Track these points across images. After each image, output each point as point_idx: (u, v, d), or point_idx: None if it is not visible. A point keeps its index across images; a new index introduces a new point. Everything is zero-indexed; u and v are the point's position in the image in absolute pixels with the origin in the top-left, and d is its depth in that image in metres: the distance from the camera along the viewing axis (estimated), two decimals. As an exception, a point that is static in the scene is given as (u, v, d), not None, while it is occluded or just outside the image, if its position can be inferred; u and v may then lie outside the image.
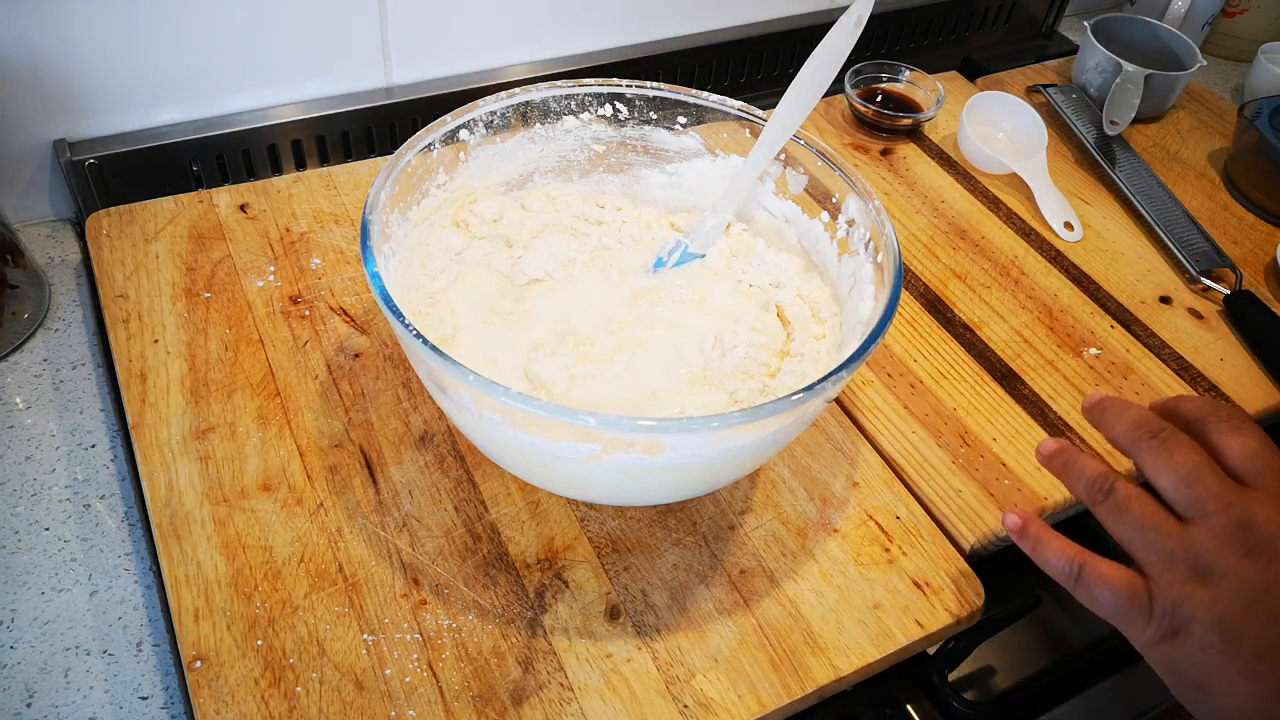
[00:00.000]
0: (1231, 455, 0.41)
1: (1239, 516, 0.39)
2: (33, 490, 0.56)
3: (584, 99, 0.61)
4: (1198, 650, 0.39)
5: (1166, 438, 0.42)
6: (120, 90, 0.71)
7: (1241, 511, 0.39)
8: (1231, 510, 0.39)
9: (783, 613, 0.52)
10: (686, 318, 0.58)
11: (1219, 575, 0.39)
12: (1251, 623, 0.38)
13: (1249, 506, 0.39)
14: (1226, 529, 0.39)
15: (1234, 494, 0.40)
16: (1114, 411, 0.44)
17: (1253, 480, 0.40)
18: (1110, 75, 0.90)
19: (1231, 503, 0.40)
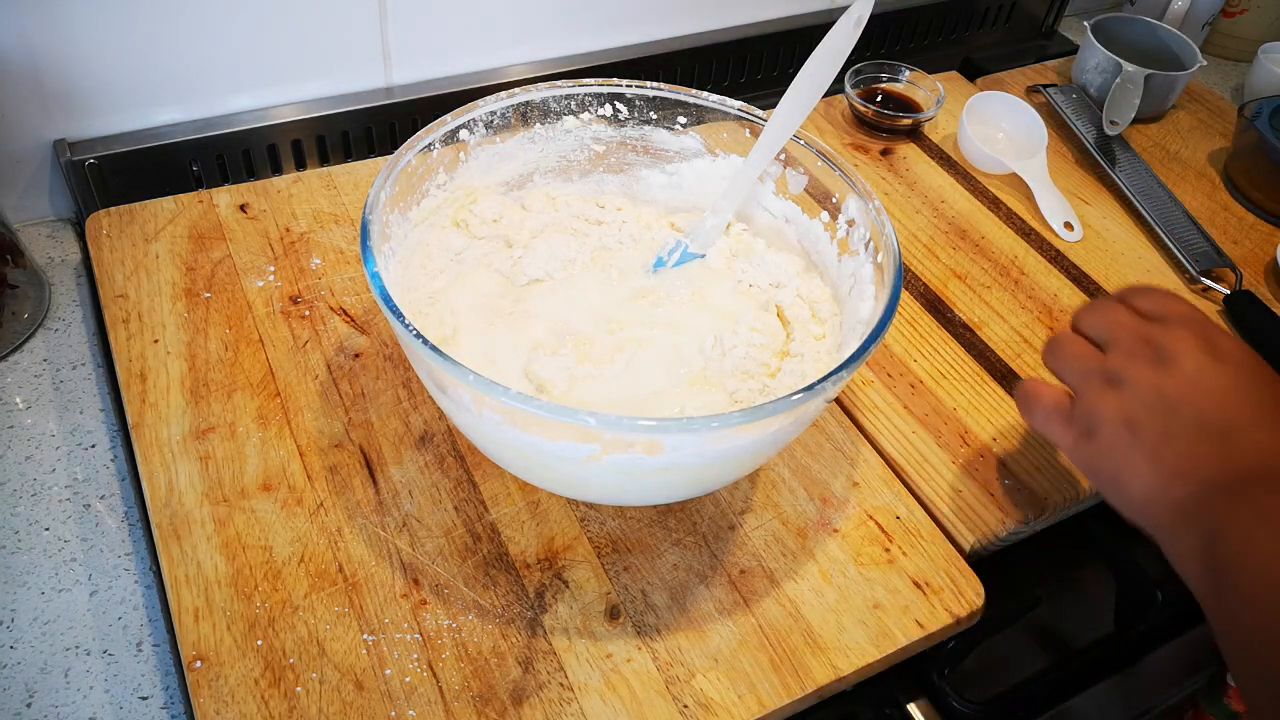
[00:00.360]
0: (1145, 306, 0.49)
1: (1145, 336, 0.47)
2: (33, 490, 0.56)
3: (584, 99, 0.61)
4: (1109, 446, 0.46)
5: (1096, 303, 0.51)
6: (120, 90, 0.71)
7: (1147, 333, 0.48)
8: (1139, 334, 0.48)
9: (783, 613, 0.52)
10: (686, 318, 0.58)
11: (1126, 383, 0.46)
12: (1151, 419, 0.45)
13: (1154, 331, 0.48)
14: (1134, 347, 0.47)
15: (1143, 324, 0.48)
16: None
17: (1160, 318, 0.48)
18: (1110, 75, 0.90)
19: (1139, 330, 0.48)
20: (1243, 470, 0.42)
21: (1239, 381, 0.45)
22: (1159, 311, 0.49)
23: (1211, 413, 0.44)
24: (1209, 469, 0.43)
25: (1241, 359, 0.46)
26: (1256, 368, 0.46)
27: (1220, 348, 0.47)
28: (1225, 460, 0.43)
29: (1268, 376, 0.46)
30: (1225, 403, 0.44)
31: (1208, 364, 0.45)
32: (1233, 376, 0.45)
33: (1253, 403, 0.44)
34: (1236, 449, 0.43)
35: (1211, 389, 0.45)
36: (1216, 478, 0.43)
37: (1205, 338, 0.47)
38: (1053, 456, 0.61)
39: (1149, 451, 0.45)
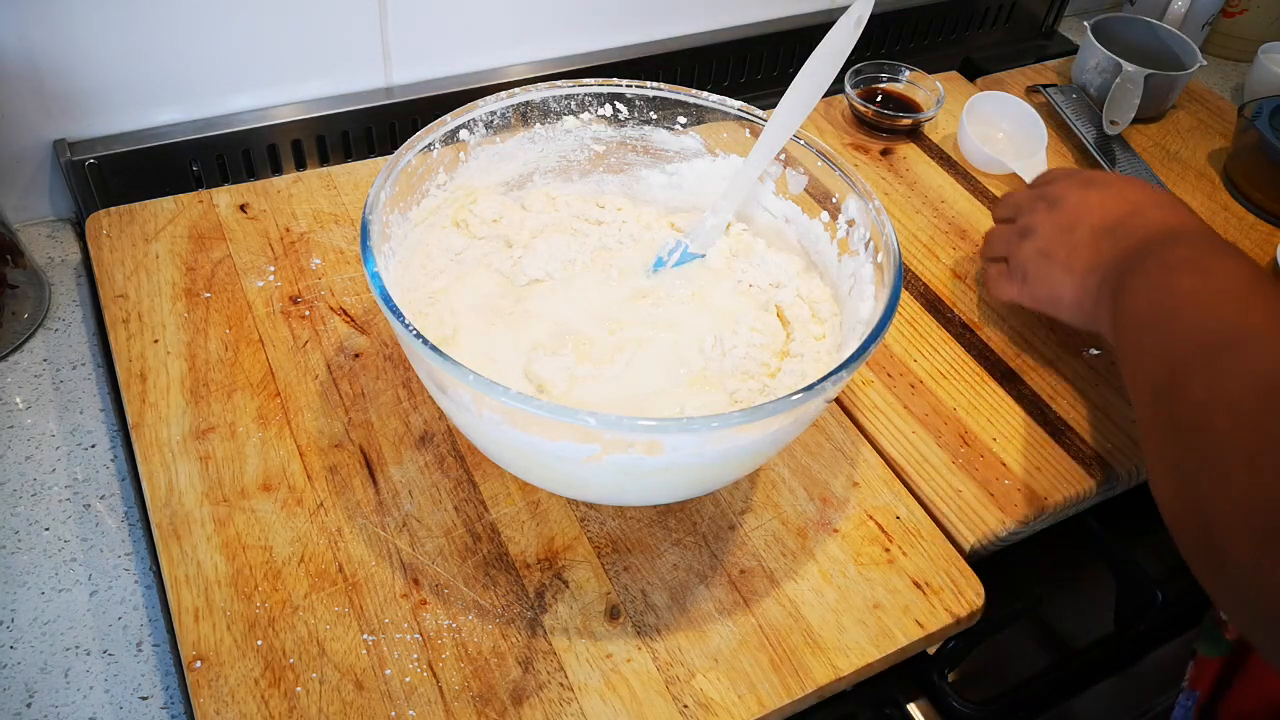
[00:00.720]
0: (1034, 182, 0.67)
1: (1040, 194, 0.63)
2: (33, 490, 0.56)
3: (584, 99, 0.61)
4: (1037, 277, 0.61)
5: (1003, 196, 0.69)
6: (120, 90, 0.71)
7: (1041, 192, 0.64)
8: (1032, 196, 0.64)
9: (783, 613, 0.52)
10: (686, 318, 0.58)
11: (1033, 230, 0.62)
12: (1057, 244, 0.60)
13: (1042, 190, 0.64)
14: (1033, 204, 0.63)
15: (1033, 191, 0.65)
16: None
17: (1046, 183, 0.65)
18: (1110, 75, 0.90)
19: (1032, 195, 0.64)
20: (1132, 245, 0.55)
21: (1114, 195, 0.59)
22: (1044, 180, 0.65)
23: (1099, 220, 0.58)
24: (1109, 256, 0.56)
25: (1112, 180, 0.61)
26: (1126, 182, 0.61)
27: (1094, 179, 0.62)
28: (1117, 245, 0.56)
29: (1138, 185, 0.60)
30: (1107, 211, 0.58)
31: (1087, 192, 0.60)
32: (1108, 193, 0.59)
33: (1129, 203, 0.58)
34: (1124, 235, 0.56)
35: (1094, 206, 0.59)
36: (1115, 258, 0.55)
37: (1081, 178, 0.62)
38: (1053, 456, 0.61)
39: (1064, 266, 0.59)
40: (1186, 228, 0.55)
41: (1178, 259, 0.51)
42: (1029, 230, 0.62)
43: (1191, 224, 0.55)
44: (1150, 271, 0.51)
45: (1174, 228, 0.55)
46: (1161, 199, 0.58)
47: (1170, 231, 0.54)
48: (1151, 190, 0.59)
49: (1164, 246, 0.53)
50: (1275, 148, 0.82)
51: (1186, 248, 0.51)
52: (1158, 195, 0.58)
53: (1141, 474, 0.62)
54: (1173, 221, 0.55)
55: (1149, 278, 0.51)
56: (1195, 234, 0.54)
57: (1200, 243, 0.52)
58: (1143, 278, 0.51)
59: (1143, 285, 0.51)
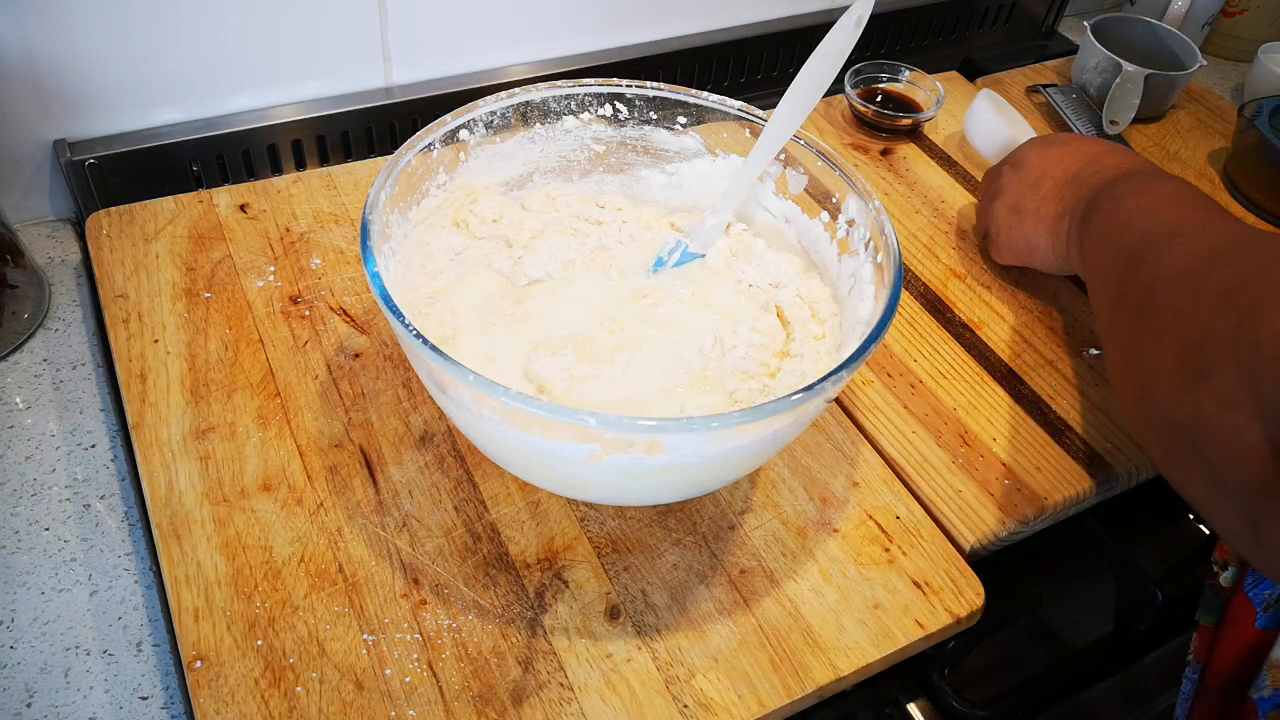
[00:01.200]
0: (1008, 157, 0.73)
1: (1005, 160, 0.71)
2: (33, 490, 0.56)
3: (584, 99, 0.61)
4: (1011, 231, 0.68)
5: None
6: (120, 90, 0.71)
7: (1007, 158, 0.71)
8: (1001, 162, 0.72)
9: (783, 613, 0.52)
10: (686, 318, 0.58)
11: (1003, 189, 0.69)
12: (1024, 199, 0.67)
13: (1013, 156, 0.70)
14: (999, 170, 0.71)
15: (1005, 159, 0.71)
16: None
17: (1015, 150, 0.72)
18: (1110, 75, 0.90)
19: (1001, 161, 0.72)
20: (1092, 189, 0.61)
21: (1072, 149, 0.66)
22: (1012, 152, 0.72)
23: (1061, 173, 0.65)
24: (1072, 202, 0.63)
25: (1069, 137, 0.68)
26: (1082, 139, 0.68)
27: (1053, 138, 0.69)
28: (1079, 192, 0.62)
29: (1093, 140, 0.67)
30: (1067, 164, 0.65)
31: (1046, 149, 0.67)
32: (1066, 149, 0.66)
33: (1087, 155, 0.64)
34: (1083, 182, 0.62)
35: (1055, 160, 0.66)
36: (1077, 204, 0.62)
37: (1040, 140, 0.70)
38: (1053, 456, 0.61)
39: (1035, 217, 0.66)
40: (1137, 168, 0.61)
41: (1127, 188, 0.58)
42: (998, 192, 0.69)
43: (1141, 164, 0.62)
44: (1104, 205, 0.59)
45: (1125, 169, 0.61)
46: (1114, 148, 0.65)
47: (1122, 173, 0.61)
48: (1105, 144, 0.66)
49: (1115, 184, 0.59)
50: (1275, 148, 0.82)
51: (1134, 180, 0.59)
52: (1111, 146, 0.65)
53: (1142, 474, 0.62)
54: (1124, 165, 0.62)
55: (1103, 209, 0.58)
56: (1143, 170, 0.61)
57: (1146, 174, 0.59)
58: (1099, 211, 0.59)
59: (1099, 216, 0.58)
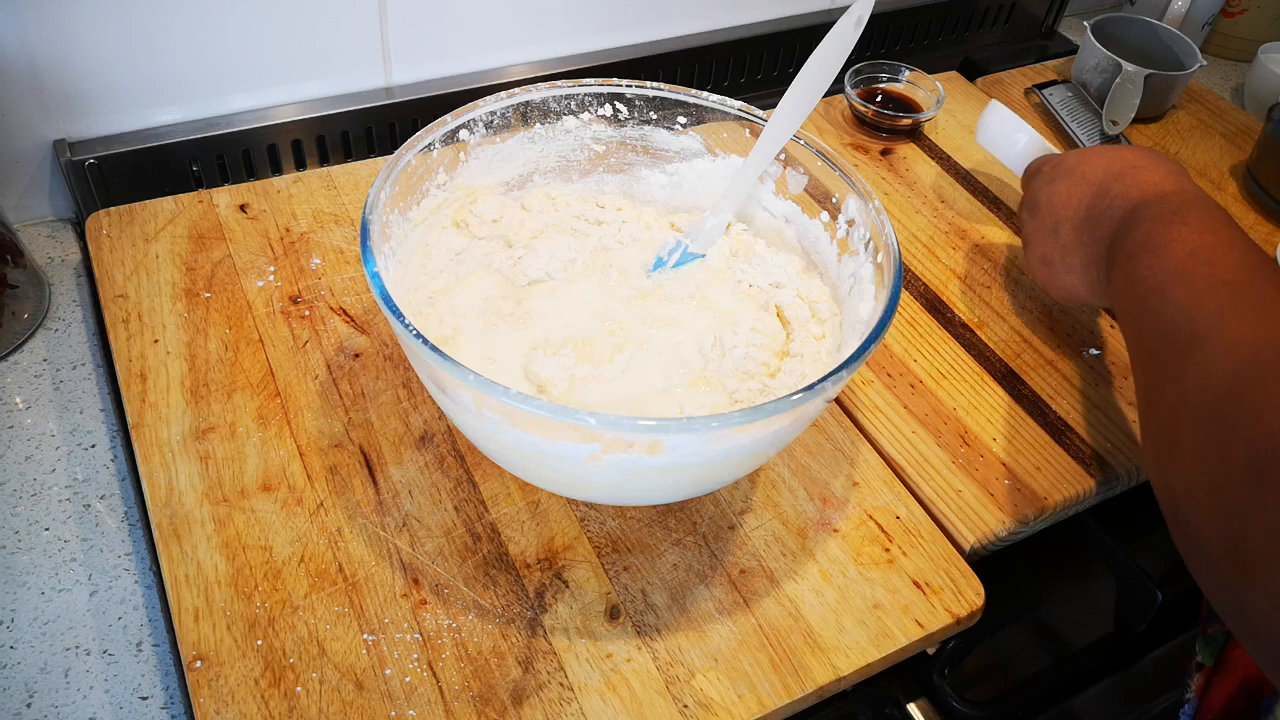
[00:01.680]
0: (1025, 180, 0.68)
1: (1022, 201, 0.66)
2: (33, 490, 0.56)
3: (584, 99, 0.61)
4: (1050, 283, 0.63)
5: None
6: (120, 90, 0.71)
7: (1025, 200, 0.65)
8: (1021, 201, 0.66)
9: (783, 613, 0.52)
10: (686, 318, 0.58)
11: (1029, 239, 0.64)
12: (1050, 248, 0.61)
13: (1025, 192, 0.66)
14: (1021, 214, 0.66)
15: (1024, 195, 0.66)
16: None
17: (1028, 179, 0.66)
18: (1110, 75, 0.90)
19: (1022, 198, 0.66)
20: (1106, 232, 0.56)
21: (1077, 181, 0.59)
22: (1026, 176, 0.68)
23: (1073, 213, 0.59)
24: (1093, 248, 0.57)
25: (1074, 163, 0.61)
26: (1087, 160, 0.60)
27: (1059, 168, 0.62)
28: (1095, 235, 0.57)
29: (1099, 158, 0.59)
30: (1076, 201, 0.59)
31: (1053, 187, 0.61)
32: (1071, 181, 0.60)
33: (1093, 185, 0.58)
34: (1097, 222, 0.57)
35: (1064, 200, 0.60)
36: (1097, 250, 0.57)
37: (1045, 173, 0.63)
38: (1053, 456, 0.61)
39: (1065, 268, 0.60)
40: (1145, 197, 0.54)
41: (1136, 244, 0.51)
42: (1026, 241, 0.64)
43: (1151, 189, 0.54)
44: (1119, 262, 0.53)
45: (1134, 201, 0.55)
46: (1121, 167, 0.57)
47: (1132, 210, 0.54)
48: (1111, 159, 0.58)
49: (1126, 233, 0.53)
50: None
51: (1145, 227, 0.52)
52: (1118, 164, 0.57)
53: (1141, 474, 0.62)
54: (1134, 195, 0.55)
55: (1119, 269, 0.53)
56: (1151, 205, 0.53)
57: (1156, 216, 0.52)
58: (1116, 270, 0.53)
59: (1117, 277, 0.53)
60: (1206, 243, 0.47)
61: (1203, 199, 0.52)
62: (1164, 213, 0.51)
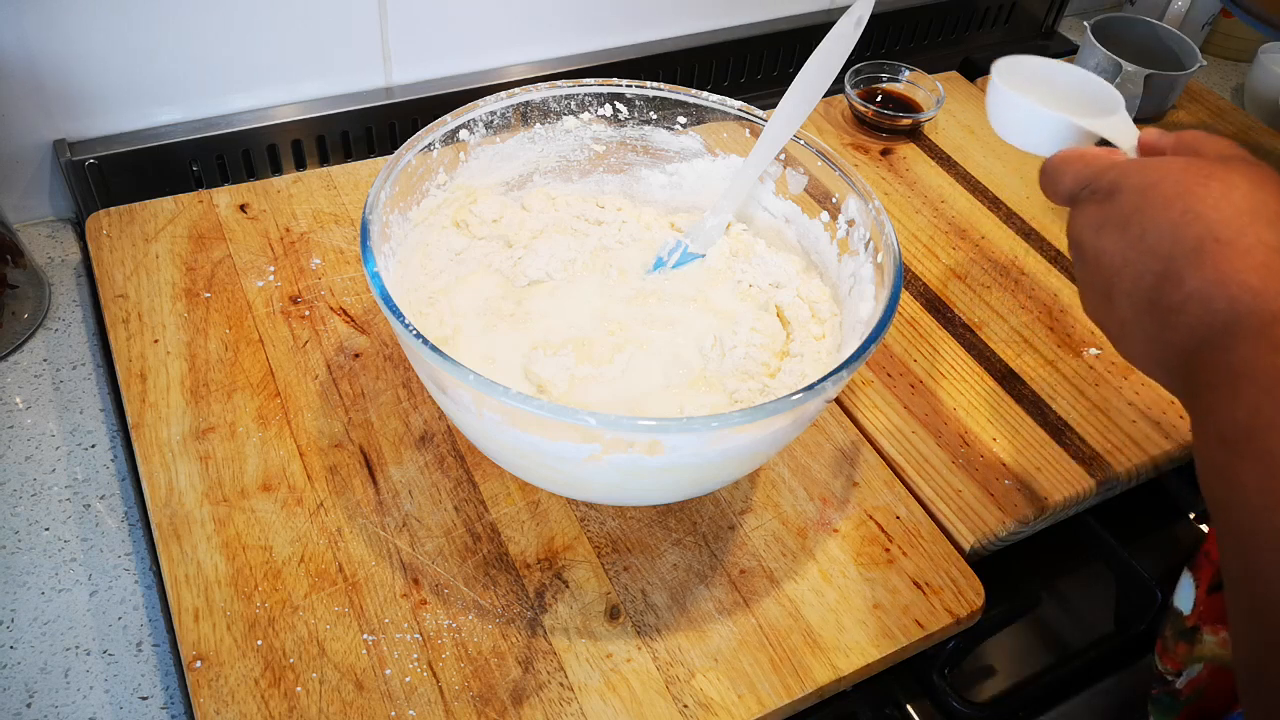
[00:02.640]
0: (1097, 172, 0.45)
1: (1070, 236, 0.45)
2: (33, 490, 0.56)
3: (584, 99, 0.61)
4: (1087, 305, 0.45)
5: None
6: (120, 90, 0.71)
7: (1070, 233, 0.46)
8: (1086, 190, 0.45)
9: (783, 613, 0.52)
10: (686, 318, 0.58)
11: (1080, 287, 0.46)
12: (1103, 315, 0.44)
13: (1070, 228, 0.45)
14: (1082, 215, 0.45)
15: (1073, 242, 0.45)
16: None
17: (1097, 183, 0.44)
18: (1110, 75, 0.90)
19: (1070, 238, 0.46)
20: (1181, 343, 0.39)
21: (1135, 243, 0.41)
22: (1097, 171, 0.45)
23: (1131, 287, 0.41)
24: (1160, 351, 0.41)
25: (1139, 211, 0.41)
26: (1155, 213, 0.40)
27: (1123, 213, 0.41)
28: (1164, 336, 0.40)
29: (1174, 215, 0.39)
30: (1137, 274, 0.41)
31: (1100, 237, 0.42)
32: (1128, 239, 0.41)
33: (1160, 260, 0.40)
34: (1168, 322, 0.39)
35: (1118, 265, 0.42)
36: (1165, 354, 0.40)
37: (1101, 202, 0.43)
38: (1053, 456, 0.61)
39: (1118, 339, 0.44)
40: (1238, 313, 0.37)
41: (1230, 420, 0.35)
42: (1078, 283, 0.46)
43: (1243, 295, 0.37)
44: (1202, 417, 0.37)
45: (1226, 322, 0.37)
46: (1197, 236, 0.38)
47: (1222, 332, 0.37)
48: (1180, 215, 0.39)
49: (1215, 388, 0.37)
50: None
51: (1247, 392, 0.35)
52: (1191, 227, 0.39)
53: (1141, 474, 0.62)
54: (1219, 303, 0.37)
55: (1204, 428, 0.37)
56: (1251, 337, 0.36)
57: (1261, 362, 0.35)
58: (1199, 423, 0.37)
59: (1200, 436, 0.37)
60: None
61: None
62: (1271, 352, 0.35)
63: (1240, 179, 0.39)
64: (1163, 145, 0.46)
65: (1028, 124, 0.53)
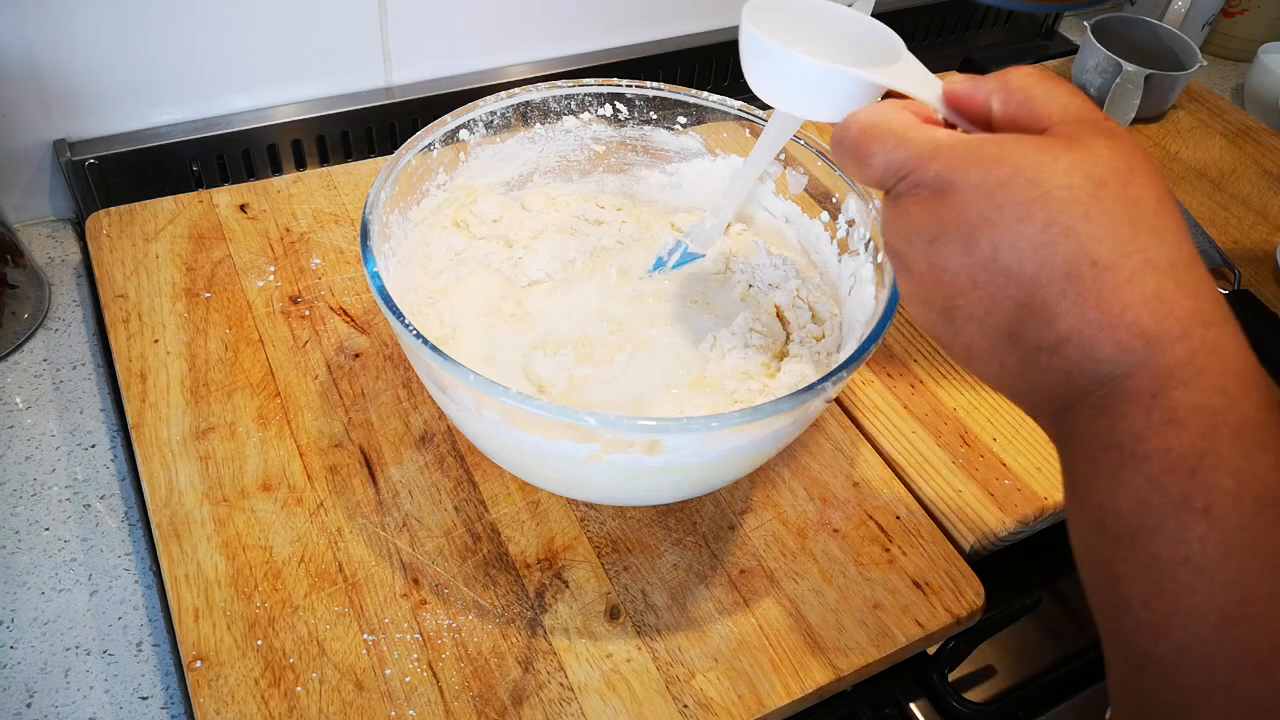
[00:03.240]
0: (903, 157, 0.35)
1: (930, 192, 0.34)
2: (33, 490, 0.56)
3: (584, 99, 0.61)
4: (921, 322, 0.36)
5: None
6: (120, 90, 0.71)
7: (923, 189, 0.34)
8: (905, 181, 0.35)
9: (783, 613, 0.52)
10: (686, 318, 0.58)
11: (912, 270, 0.35)
12: (940, 329, 0.35)
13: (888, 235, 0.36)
14: (902, 219, 0.35)
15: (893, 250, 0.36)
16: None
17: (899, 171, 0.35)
18: (1110, 75, 0.90)
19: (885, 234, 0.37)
20: (1052, 386, 0.33)
21: (987, 267, 0.32)
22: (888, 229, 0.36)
23: (983, 314, 0.33)
24: (1026, 381, 0.34)
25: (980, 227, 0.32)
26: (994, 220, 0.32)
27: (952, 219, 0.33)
28: (1029, 375, 0.33)
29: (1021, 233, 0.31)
30: (991, 301, 0.33)
31: (935, 251, 0.33)
32: (975, 261, 0.32)
33: (1023, 287, 0.32)
34: (1032, 361, 0.33)
35: (962, 286, 0.33)
36: (1031, 389, 0.34)
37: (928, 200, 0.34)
38: (1053, 456, 0.61)
39: (964, 361, 0.36)
40: (1128, 365, 0.30)
41: (1112, 507, 0.30)
42: (903, 297, 0.37)
43: (1133, 343, 0.30)
44: (1077, 488, 0.32)
45: (1108, 372, 0.31)
46: (1069, 257, 0.31)
47: (1100, 384, 0.31)
48: (1046, 228, 0.31)
49: (1094, 461, 0.31)
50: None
51: (1133, 479, 0.30)
52: (1064, 247, 0.31)
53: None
54: (1105, 349, 0.30)
55: (1079, 502, 0.32)
56: (1142, 414, 0.30)
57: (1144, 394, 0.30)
58: (1073, 492, 0.33)
59: (1074, 509, 0.33)
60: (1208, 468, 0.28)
61: (1225, 343, 0.31)
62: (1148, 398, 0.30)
63: (1109, 168, 0.31)
64: (979, 99, 0.35)
65: (795, 80, 0.40)
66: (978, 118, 0.36)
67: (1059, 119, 0.33)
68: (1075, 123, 0.33)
